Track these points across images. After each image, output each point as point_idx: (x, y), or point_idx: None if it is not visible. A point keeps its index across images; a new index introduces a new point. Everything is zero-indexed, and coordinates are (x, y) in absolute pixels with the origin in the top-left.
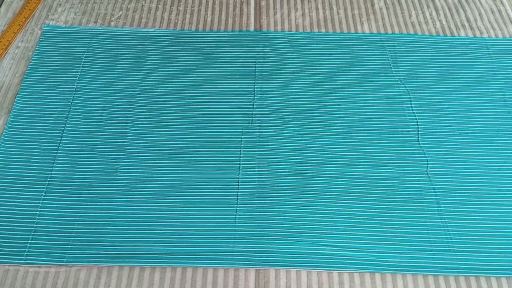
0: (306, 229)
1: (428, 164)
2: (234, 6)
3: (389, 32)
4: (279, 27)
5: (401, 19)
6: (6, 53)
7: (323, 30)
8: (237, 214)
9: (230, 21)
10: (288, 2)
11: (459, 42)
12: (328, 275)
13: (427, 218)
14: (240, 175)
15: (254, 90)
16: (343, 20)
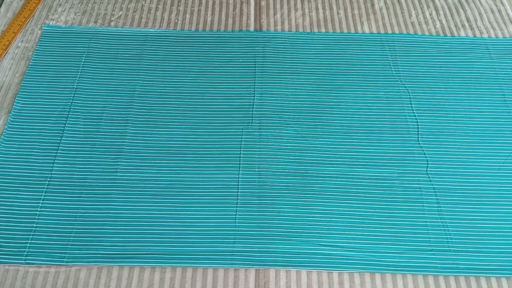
0: (306, 229)
1: (428, 164)
2: (234, 6)
3: (389, 32)
4: (279, 27)
5: (401, 19)
6: (6, 53)
7: (323, 30)
8: (237, 214)
9: (230, 21)
10: (288, 2)
11: (459, 42)
12: (328, 275)
13: (427, 218)
14: (240, 175)
15: (254, 90)
16: (343, 20)
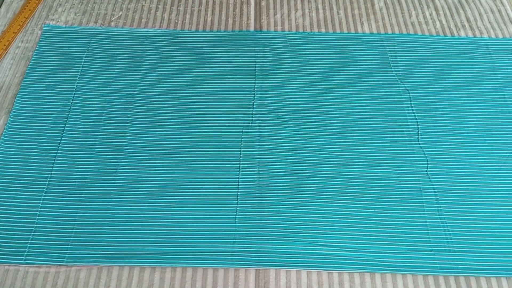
0: (307, 229)
1: (428, 164)
2: (234, 6)
3: (389, 32)
4: (279, 27)
5: (401, 19)
6: (6, 53)
7: (323, 30)
8: (237, 214)
9: (230, 21)
10: (288, 2)
11: (459, 42)
12: (328, 275)
13: (427, 218)
14: (240, 175)
15: (254, 90)
16: (343, 20)
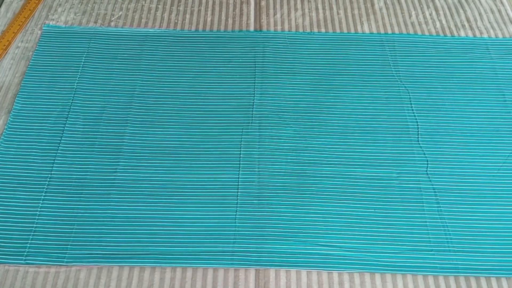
0: (307, 229)
1: (428, 164)
2: (234, 6)
3: (389, 32)
4: (279, 27)
5: (401, 19)
6: (6, 53)
7: (323, 30)
8: (237, 214)
9: (230, 21)
10: (288, 2)
11: (459, 42)
12: (328, 275)
13: (427, 218)
14: (240, 175)
15: (254, 90)
16: (343, 20)
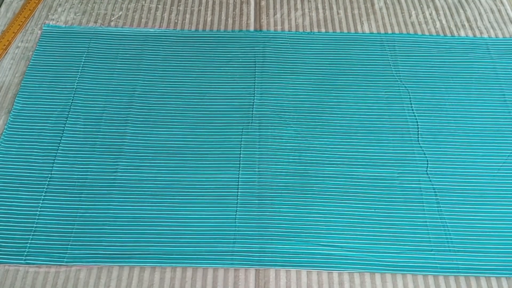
0: (307, 229)
1: (428, 164)
2: (234, 6)
3: (389, 32)
4: (279, 27)
5: (401, 19)
6: (6, 53)
7: (323, 30)
8: (237, 214)
9: (230, 21)
10: (288, 2)
11: (459, 42)
12: (328, 275)
13: (427, 218)
14: (240, 175)
15: (254, 90)
16: (343, 20)
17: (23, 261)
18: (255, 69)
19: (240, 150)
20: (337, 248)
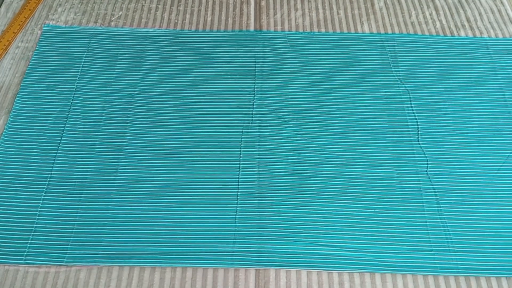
0: (307, 229)
1: (428, 164)
2: (234, 6)
3: (389, 32)
4: (279, 27)
5: (401, 19)
6: (6, 53)
7: (323, 30)
8: (237, 214)
9: (230, 21)
10: (288, 2)
11: (459, 42)
12: (328, 275)
13: (427, 218)
14: (240, 175)
15: (254, 90)
16: (343, 20)
17: (23, 261)
18: (255, 69)
19: (240, 150)
20: (337, 248)
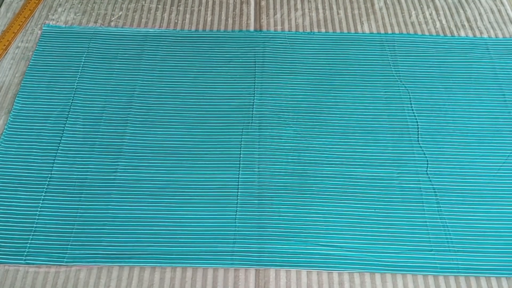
0: (307, 229)
1: (428, 164)
2: (234, 6)
3: (389, 32)
4: (279, 27)
5: (401, 19)
6: (6, 53)
7: (323, 30)
8: (237, 214)
9: (230, 21)
10: (288, 2)
11: (459, 42)
12: (328, 275)
13: (427, 218)
14: (240, 175)
15: (254, 90)
16: (343, 20)
17: (23, 261)
18: (255, 69)
19: (240, 150)
20: (337, 248)
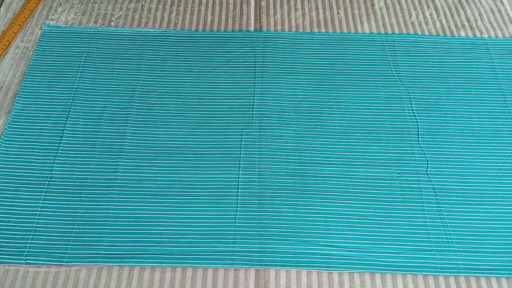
0: (307, 229)
1: (428, 164)
2: (234, 6)
3: (389, 32)
4: (279, 27)
5: (401, 19)
6: (6, 53)
7: (323, 30)
8: (237, 214)
9: (230, 21)
10: (288, 2)
11: (459, 42)
12: (328, 275)
13: (427, 218)
14: (240, 175)
15: (254, 90)
16: (343, 20)
17: (23, 261)
18: (255, 69)
19: (240, 150)
20: (337, 248)
